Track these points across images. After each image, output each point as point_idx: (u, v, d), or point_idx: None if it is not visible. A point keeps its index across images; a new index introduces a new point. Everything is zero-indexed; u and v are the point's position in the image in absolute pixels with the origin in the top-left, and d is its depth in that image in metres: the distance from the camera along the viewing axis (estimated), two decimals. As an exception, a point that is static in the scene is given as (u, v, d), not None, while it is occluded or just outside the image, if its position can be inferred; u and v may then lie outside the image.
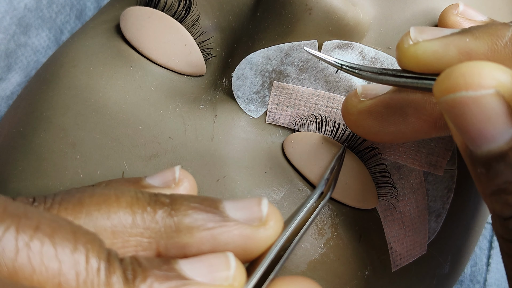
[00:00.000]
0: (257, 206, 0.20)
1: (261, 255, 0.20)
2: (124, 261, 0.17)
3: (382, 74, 0.24)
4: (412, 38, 0.22)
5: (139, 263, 0.17)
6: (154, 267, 0.17)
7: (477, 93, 0.18)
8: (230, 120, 0.27)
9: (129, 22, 0.29)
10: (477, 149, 0.19)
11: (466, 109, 0.19)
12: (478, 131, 0.19)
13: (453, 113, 0.19)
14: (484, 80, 0.18)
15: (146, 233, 0.18)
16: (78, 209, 0.18)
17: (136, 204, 0.19)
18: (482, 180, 0.20)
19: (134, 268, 0.17)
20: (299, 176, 0.27)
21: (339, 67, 0.25)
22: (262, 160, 0.27)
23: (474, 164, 0.20)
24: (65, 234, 0.17)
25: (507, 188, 0.19)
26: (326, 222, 0.27)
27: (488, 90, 0.18)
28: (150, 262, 0.18)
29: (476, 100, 0.19)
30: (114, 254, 0.17)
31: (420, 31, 0.22)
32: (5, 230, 0.16)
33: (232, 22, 0.28)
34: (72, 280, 0.16)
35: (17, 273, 0.16)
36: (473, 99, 0.19)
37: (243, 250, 0.19)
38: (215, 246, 0.19)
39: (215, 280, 0.18)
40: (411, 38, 0.22)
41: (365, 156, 0.27)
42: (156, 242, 0.19)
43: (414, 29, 0.22)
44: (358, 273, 0.27)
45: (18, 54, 0.38)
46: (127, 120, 0.27)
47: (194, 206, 0.19)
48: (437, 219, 0.29)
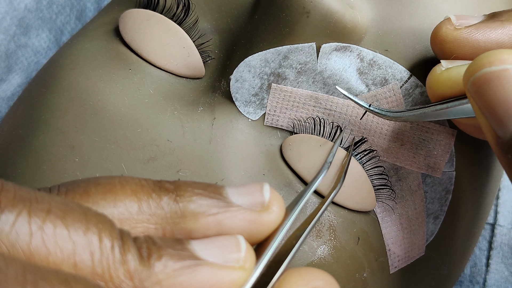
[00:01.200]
0: (259, 192, 0.20)
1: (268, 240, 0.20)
2: (138, 239, 0.18)
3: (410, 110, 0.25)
4: (443, 66, 0.24)
5: (153, 242, 0.18)
6: (168, 246, 0.18)
7: (499, 67, 0.20)
8: (229, 122, 0.27)
9: (128, 24, 0.29)
10: (505, 132, 0.20)
11: (490, 86, 0.20)
12: (504, 109, 0.20)
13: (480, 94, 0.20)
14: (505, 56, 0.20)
15: (152, 219, 0.19)
16: (84, 198, 0.18)
17: (141, 191, 0.19)
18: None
19: (148, 246, 0.17)
20: (297, 178, 0.27)
21: (367, 108, 0.26)
22: (260, 162, 0.27)
23: (504, 151, 0.21)
24: (76, 215, 0.17)
25: None
26: (324, 225, 0.27)
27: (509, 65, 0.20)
28: (164, 241, 0.18)
29: (498, 75, 0.20)
30: (126, 233, 0.17)
31: (451, 62, 0.24)
32: (18, 214, 0.16)
33: (231, 24, 0.28)
34: (87, 260, 0.16)
35: (33, 256, 0.16)
36: (496, 73, 0.20)
37: (248, 235, 0.19)
38: (220, 231, 0.19)
39: (227, 261, 0.18)
40: (443, 66, 0.24)
41: (363, 158, 0.27)
42: (162, 228, 0.19)
43: (444, 61, 0.24)
44: (356, 275, 0.27)
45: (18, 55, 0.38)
46: (126, 123, 0.27)
47: (199, 192, 0.19)
48: (435, 221, 0.29)
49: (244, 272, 0.18)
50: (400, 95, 0.27)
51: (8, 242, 0.16)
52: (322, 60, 0.26)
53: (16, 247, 0.16)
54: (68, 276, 0.15)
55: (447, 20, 0.25)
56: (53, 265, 0.16)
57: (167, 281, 0.17)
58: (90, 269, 0.16)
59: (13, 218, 0.16)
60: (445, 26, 0.25)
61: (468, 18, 0.25)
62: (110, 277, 0.16)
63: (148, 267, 0.17)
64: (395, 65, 0.27)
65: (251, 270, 0.18)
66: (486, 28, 0.24)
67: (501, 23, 0.24)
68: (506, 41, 0.24)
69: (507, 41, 0.24)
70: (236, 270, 0.18)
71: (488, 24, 0.24)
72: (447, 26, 0.25)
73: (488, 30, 0.24)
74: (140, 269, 0.17)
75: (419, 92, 0.27)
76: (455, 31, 0.24)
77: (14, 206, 0.16)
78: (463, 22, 0.25)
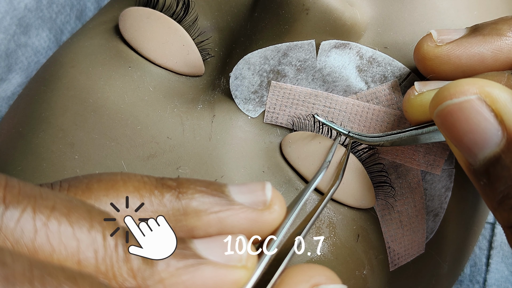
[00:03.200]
0: (261, 191, 0.20)
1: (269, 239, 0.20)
2: None
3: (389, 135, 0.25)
4: (417, 90, 0.24)
5: None
6: None
7: (460, 99, 0.20)
8: (228, 120, 0.27)
9: (128, 22, 0.30)
10: (475, 160, 0.21)
11: (454, 118, 0.20)
12: (470, 139, 0.20)
13: (445, 126, 0.21)
14: (466, 88, 0.20)
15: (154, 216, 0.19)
16: (87, 194, 0.18)
17: (144, 188, 0.19)
18: (487, 192, 0.21)
19: None
20: (297, 175, 0.27)
21: (346, 135, 0.26)
22: (260, 159, 0.27)
23: (478, 177, 0.21)
24: (81, 213, 0.17)
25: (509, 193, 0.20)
26: (324, 222, 0.27)
27: (470, 96, 0.20)
28: None
29: (460, 107, 0.20)
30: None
31: (424, 84, 0.24)
32: (23, 210, 0.16)
33: (230, 22, 0.28)
34: (91, 258, 0.16)
35: (37, 253, 0.16)
36: (458, 105, 0.20)
37: (249, 233, 0.19)
38: (222, 229, 0.19)
39: (229, 260, 0.18)
40: (416, 90, 0.24)
41: (363, 156, 0.27)
42: None
43: (418, 83, 0.24)
44: (356, 273, 0.27)
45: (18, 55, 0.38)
46: (126, 120, 0.27)
47: (201, 189, 0.19)
48: (435, 218, 0.29)
49: (247, 271, 0.18)
50: (400, 92, 0.27)
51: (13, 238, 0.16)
52: (322, 58, 0.26)
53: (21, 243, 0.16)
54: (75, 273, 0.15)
55: (428, 36, 0.25)
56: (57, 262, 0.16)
57: (169, 280, 0.17)
58: (94, 267, 0.16)
59: (18, 214, 0.16)
60: (426, 43, 0.25)
61: (450, 33, 0.25)
62: (113, 275, 0.17)
63: (151, 266, 0.17)
64: (395, 63, 0.27)
65: (253, 269, 0.18)
66: (467, 44, 0.24)
67: (482, 37, 0.24)
68: (488, 56, 0.24)
69: (489, 56, 0.24)
70: (238, 269, 0.18)
71: (469, 40, 0.24)
72: (428, 44, 0.25)
73: (469, 46, 0.24)
74: (143, 268, 0.17)
75: (419, 89, 0.27)
76: (436, 48, 0.24)
77: (19, 203, 0.16)
78: (444, 38, 0.25)
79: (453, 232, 0.30)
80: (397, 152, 0.27)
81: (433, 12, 0.27)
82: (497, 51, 0.24)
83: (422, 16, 0.27)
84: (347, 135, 0.26)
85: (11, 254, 0.15)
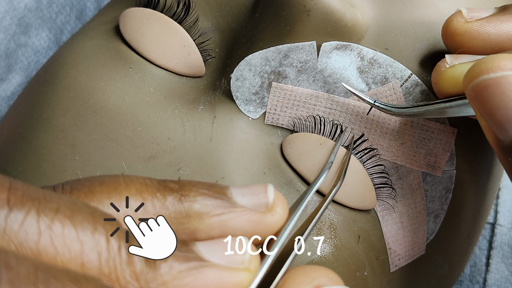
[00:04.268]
0: (263, 193, 0.20)
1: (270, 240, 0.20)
2: None
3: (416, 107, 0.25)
4: (448, 63, 0.24)
5: None
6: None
7: (497, 74, 0.20)
8: (229, 121, 0.27)
9: (128, 23, 0.29)
10: (506, 136, 0.20)
11: (489, 92, 0.20)
12: (503, 114, 0.20)
13: (479, 100, 0.20)
14: (504, 63, 0.20)
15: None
16: (89, 197, 0.18)
17: (146, 190, 0.19)
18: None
19: None
20: (298, 177, 0.27)
21: (372, 104, 0.26)
22: (260, 161, 0.27)
23: (506, 153, 0.21)
24: (84, 215, 0.17)
25: None
26: (325, 223, 0.27)
27: (508, 72, 0.20)
28: None
29: (497, 82, 0.20)
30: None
31: (455, 57, 0.24)
32: (27, 213, 0.16)
33: (231, 23, 0.28)
34: (95, 260, 0.16)
35: (41, 255, 0.16)
36: (494, 80, 0.20)
37: (251, 235, 0.19)
38: (224, 232, 0.19)
39: (232, 262, 0.18)
40: (447, 63, 0.24)
41: (364, 157, 0.27)
42: None
43: (449, 56, 0.24)
44: (357, 274, 0.27)
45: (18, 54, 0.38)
46: (126, 121, 0.27)
47: (203, 192, 0.19)
48: (436, 219, 0.29)
49: (249, 273, 0.18)
50: (401, 93, 0.27)
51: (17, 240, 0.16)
52: (323, 59, 0.26)
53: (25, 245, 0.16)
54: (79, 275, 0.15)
55: (458, 12, 0.25)
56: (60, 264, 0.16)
57: (172, 283, 0.17)
58: (97, 270, 0.16)
59: (22, 216, 0.16)
60: (456, 19, 0.25)
61: (479, 11, 0.25)
62: (116, 278, 0.17)
63: (154, 269, 0.17)
64: (396, 64, 0.27)
65: (255, 271, 0.18)
66: (497, 21, 0.24)
67: (511, 16, 0.24)
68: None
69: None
70: (241, 271, 0.18)
71: (498, 17, 0.24)
72: (458, 19, 0.25)
73: (499, 23, 0.24)
74: (146, 271, 0.17)
75: (420, 91, 0.27)
76: (466, 24, 0.25)
77: (23, 205, 0.16)
78: (474, 15, 0.25)
79: (454, 233, 0.30)
80: (398, 153, 0.27)
81: (434, 13, 0.27)
82: None
83: (423, 17, 0.27)
84: (373, 105, 0.26)
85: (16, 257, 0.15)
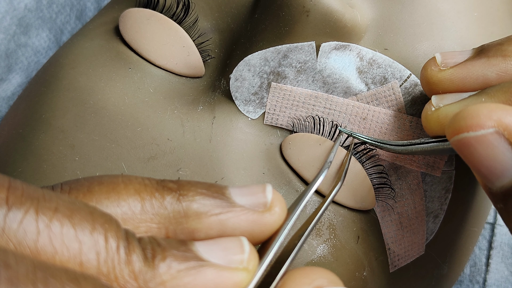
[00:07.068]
0: (262, 193, 0.20)
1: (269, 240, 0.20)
2: (142, 240, 0.18)
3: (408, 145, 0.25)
4: (434, 105, 0.24)
5: (158, 243, 0.18)
6: (173, 247, 0.18)
7: (478, 133, 0.20)
8: (228, 121, 0.27)
9: (128, 23, 0.29)
10: (492, 185, 0.21)
11: (472, 149, 0.20)
12: (487, 169, 0.20)
13: (463, 153, 0.21)
14: (483, 120, 0.20)
15: (155, 219, 0.19)
16: (88, 197, 0.18)
17: (144, 190, 0.19)
18: (503, 214, 0.21)
19: (153, 247, 0.17)
20: (297, 177, 0.27)
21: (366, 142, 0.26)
22: (260, 161, 0.27)
23: (495, 200, 0.21)
24: (83, 215, 0.17)
25: None
26: (324, 223, 0.27)
27: (488, 130, 0.20)
28: (168, 243, 0.18)
29: (478, 140, 0.20)
30: (131, 233, 0.18)
31: (441, 98, 0.24)
32: (25, 212, 0.16)
33: (231, 23, 0.28)
34: (93, 260, 0.16)
35: (40, 254, 0.16)
36: (475, 139, 0.20)
37: (250, 235, 0.19)
38: (222, 231, 0.19)
39: (230, 262, 0.18)
40: (433, 105, 0.24)
41: (363, 157, 0.27)
42: (165, 227, 0.19)
43: (435, 97, 0.24)
44: (356, 274, 0.27)
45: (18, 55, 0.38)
46: (126, 122, 0.27)
47: (202, 192, 0.19)
48: (435, 220, 0.29)
49: (248, 273, 0.18)
50: (400, 93, 0.27)
51: (16, 239, 0.16)
52: (322, 59, 0.26)
53: (23, 244, 0.16)
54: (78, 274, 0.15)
55: (432, 60, 0.25)
56: (59, 263, 0.16)
57: (171, 282, 0.17)
58: (96, 269, 0.16)
59: (20, 215, 0.16)
60: (430, 67, 0.25)
61: (455, 55, 0.25)
62: (115, 277, 0.17)
63: (153, 268, 0.17)
64: (395, 64, 0.27)
65: (254, 271, 0.18)
66: (471, 67, 0.24)
67: (487, 59, 0.24)
68: (493, 78, 0.24)
69: (493, 78, 0.24)
70: (239, 271, 0.18)
71: (473, 62, 0.24)
72: (432, 68, 0.25)
73: (473, 68, 0.24)
74: (144, 270, 0.17)
75: (419, 91, 0.27)
76: (439, 72, 0.24)
77: (22, 204, 0.16)
78: (448, 62, 0.25)
79: (453, 233, 0.30)
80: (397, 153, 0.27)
81: (433, 13, 0.27)
82: (502, 73, 0.23)
83: (423, 18, 0.27)
84: (367, 143, 0.26)
85: (15, 256, 0.15)
